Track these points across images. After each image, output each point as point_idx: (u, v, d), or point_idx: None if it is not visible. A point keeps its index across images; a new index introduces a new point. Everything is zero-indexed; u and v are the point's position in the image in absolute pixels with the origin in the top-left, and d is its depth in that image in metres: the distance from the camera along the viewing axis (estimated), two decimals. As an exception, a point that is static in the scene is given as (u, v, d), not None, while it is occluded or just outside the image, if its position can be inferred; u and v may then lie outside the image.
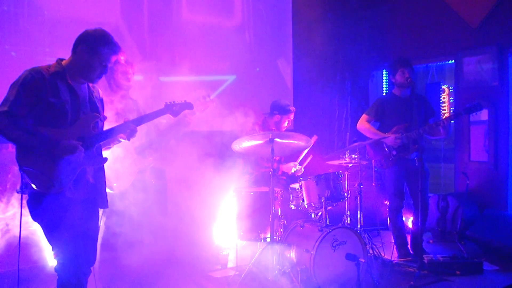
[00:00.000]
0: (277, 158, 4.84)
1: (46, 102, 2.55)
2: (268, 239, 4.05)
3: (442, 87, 6.13)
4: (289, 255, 3.98)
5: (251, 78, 5.96)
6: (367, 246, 4.17)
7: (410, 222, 5.37)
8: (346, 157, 4.70)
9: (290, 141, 4.13)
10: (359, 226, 4.65)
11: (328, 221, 4.07)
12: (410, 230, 5.18)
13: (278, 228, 4.15)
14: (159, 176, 4.22)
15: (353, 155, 4.68)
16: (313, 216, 4.33)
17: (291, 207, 4.36)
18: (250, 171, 4.77)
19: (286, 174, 4.97)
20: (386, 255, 4.71)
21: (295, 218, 4.29)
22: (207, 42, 5.38)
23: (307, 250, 3.72)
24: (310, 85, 6.45)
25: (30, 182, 2.52)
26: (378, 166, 5.02)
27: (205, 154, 4.38)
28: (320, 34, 6.31)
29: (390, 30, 6.51)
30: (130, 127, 2.92)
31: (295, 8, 6.42)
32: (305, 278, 3.73)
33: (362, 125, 4.88)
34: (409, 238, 4.92)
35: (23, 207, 2.61)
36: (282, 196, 4.30)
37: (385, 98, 5.18)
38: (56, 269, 2.66)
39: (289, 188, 4.43)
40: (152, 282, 3.96)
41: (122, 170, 3.53)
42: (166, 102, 3.25)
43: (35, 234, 3.88)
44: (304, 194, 4.23)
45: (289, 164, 4.99)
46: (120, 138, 2.93)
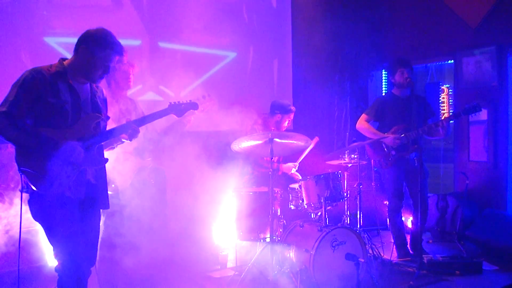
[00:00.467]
0: (276, 158, 4.85)
1: (46, 102, 2.55)
2: (267, 239, 4.05)
3: (442, 87, 6.14)
4: (288, 255, 3.98)
5: (251, 78, 5.97)
6: (367, 246, 4.18)
7: (410, 222, 5.38)
8: (345, 157, 4.71)
9: (290, 141, 4.13)
10: (359, 226, 4.66)
11: (327, 221, 4.08)
12: (409, 230, 5.19)
13: (277, 228, 4.16)
14: (159, 176, 4.23)
15: (352, 155, 4.69)
16: (312, 216, 4.33)
17: (291, 207, 4.37)
18: (250, 171, 4.78)
19: (285, 174, 4.98)
20: (385, 255, 4.72)
21: (295, 218, 4.29)
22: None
23: (307, 250, 3.73)
24: (310, 85, 6.46)
25: (29, 183, 2.53)
26: (377, 166, 5.03)
27: (204, 154, 4.38)
28: (319, 34, 6.32)
29: (389, 30, 6.52)
30: (132, 127, 2.89)
31: (294, 8, 6.43)
32: (304, 278, 3.73)
33: (361, 125, 4.89)
34: (408, 238, 4.93)
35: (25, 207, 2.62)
36: (281, 196, 4.30)
37: (384, 98, 5.19)
38: (56, 269, 2.66)
39: (288, 188, 4.43)
40: (151, 282, 3.96)
41: (120, 170, 3.53)
42: (170, 102, 3.19)
43: (36, 234, 3.90)
44: (303, 194, 4.23)
45: (288, 164, 5.00)
46: (122, 139, 2.91)
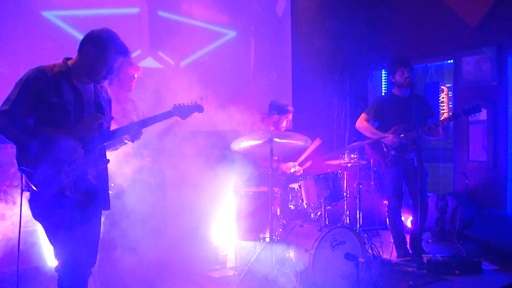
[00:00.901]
0: (276, 157, 4.86)
1: (48, 102, 2.55)
2: (267, 239, 4.05)
3: (441, 87, 6.15)
4: (288, 255, 3.99)
5: (250, 78, 5.98)
6: (366, 246, 4.19)
7: (409, 221, 5.39)
8: (345, 156, 4.71)
9: (289, 141, 4.14)
10: (358, 226, 4.66)
11: (327, 221, 4.08)
12: (409, 229, 5.20)
13: (277, 228, 4.15)
14: (158, 176, 4.24)
15: (352, 155, 4.69)
16: (312, 216, 4.33)
17: (290, 207, 4.37)
18: (249, 171, 4.78)
19: (285, 174, 4.99)
20: (385, 255, 4.73)
21: (294, 218, 4.30)
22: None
23: (307, 250, 3.73)
24: (309, 85, 6.47)
25: (29, 182, 2.53)
26: (377, 166, 5.03)
27: (204, 154, 4.39)
28: (319, 33, 6.33)
29: (389, 29, 6.52)
30: (134, 129, 2.87)
31: (294, 8, 6.44)
32: (304, 278, 3.74)
33: (361, 124, 4.90)
34: (408, 238, 4.94)
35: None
36: (281, 196, 4.29)
37: (384, 98, 5.19)
38: (56, 269, 2.65)
39: (288, 188, 4.43)
40: (151, 282, 3.97)
41: (119, 170, 3.54)
42: (175, 104, 3.15)
43: (35, 234, 3.91)
44: (303, 194, 4.24)
45: (288, 163, 5.01)
46: (125, 140, 2.90)
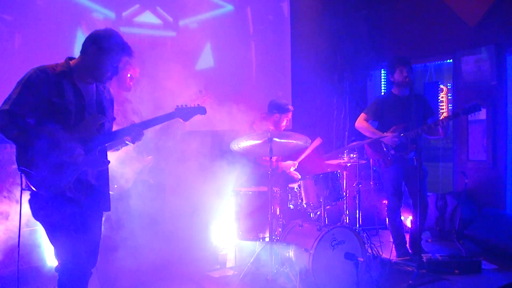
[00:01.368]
0: (275, 157, 4.86)
1: (49, 102, 2.54)
2: (267, 239, 4.06)
3: (441, 86, 6.15)
4: (288, 255, 4.00)
5: (250, 78, 5.99)
6: (366, 245, 4.19)
7: (409, 221, 5.39)
8: (344, 156, 4.71)
9: (289, 140, 4.14)
10: (358, 226, 4.67)
11: (326, 220, 4.09)
12: (408, 229, 5.20)
13: (277, 227, 4.16)
14: (158, 176, 4.24)
15: (351, 155, 4.69)
16: (311, 215, 4.34)
17: (290, 207, 4.37)
18: (249, 171, 4.78)
19: (285, 173, 4.99)
20: (384, 254, 4.74)
21: (294, 218, 4.30)
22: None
23: (306, 250, 3.74)
24: (309, 84, 6.48)
25: (28, 182, 2.53)
26: (376, 166, 5.03)
27: (203, 154, 4.39)
28: (318, 33, 6.33)
29: (388, 29, 6.52)
30: (135, 130, 2.85)
31: (294, 8, 6.44)
32: (303, 277, 3.74)
33: (360, 124, 4.90)
34: (407, 237, 4.95)
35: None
36: (280, 195, 4.30)
37: (383, 97, 5.19)
38: (56, 269, 2.65)
39: (287, 187, 4.44)
40: (151, 282, 3.98)
41: (122, 170, 3.54)
42: (177, 106, 3.13)
43: (36, 233, 3.91)
44: (302, 194, 4.24)
45: (288, 162, 5.01)
46: (126, 141, 2.89)
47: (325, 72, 6.56)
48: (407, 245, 4.86)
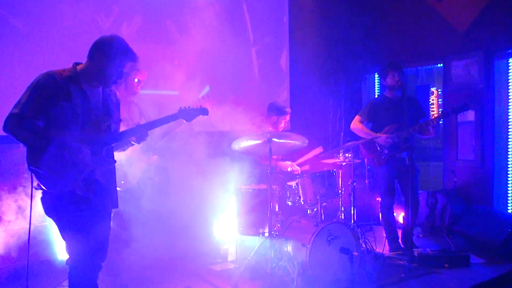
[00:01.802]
0: (274, 157, 4.87)
1: (57, 105, 2.54)
2: (266, 234, 4.06)
3: (431, 90, 6.14)
4: (286, 249, 4.00)
5: (251, 82, 6.00)
6: (360, 241, 4.20)
7: (401, 217, 5.40)
8: (340, 156, 4.71)
9: (287, 140, 4.15)
10: (353, 222, 4.66)
11: (323, 216, 4.10)
12: (401, 225, 5.21)
13: (275, 223, 4.16)
14: (163, 174, 4.24)
15: (346, 154, 4.70)
16: (309, 212, 4.35)
17: (288, 204, 4.38)
18: (249, 170, 4.79)
19: (283, 172, 5.00)
20: (378, 249, 4.75)
21: (292, 214, 4.31)
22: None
23: (303, 244, 3.74)
24: (306, 87, 6.48)
25: (38, 182, 2.54)
26: (370, 165, 5.05)
27: (206, 154, 4.40)
28: (315, 39, 6.35)
29: (381, 35, 6.54)
30: (140, 131, 2.86)
31: (292, 15, 6.45)
32: (301, 270, 3.75)
33: (355, 125, 4.91)
34: (400, 233, 4.96)
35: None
36: (279, 193, 4.30)
37: (377, 100, 5.20)
38: (67, 262, 2.67)
39: (286, 185, 4.44)
40: (156, 275, 3.99)
41: (130, 168, 3.55)
42: (180, 107, 3.13)
43: (46, 229, 3.92)
44: (300, 191, 4.25)
45: (286, 162, 5.02)
46: (131, 141, 2.89)
47: (321, 76, 6.57)
48: (399, 240, 4.87)
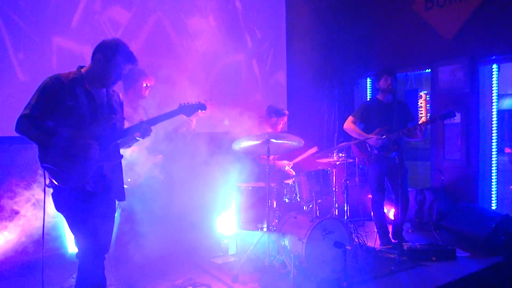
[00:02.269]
0: (272, 156, 4.88)
1: (65, 105, 2.57)
2: (265, 229, 4.08)
3: (420, 93, 6.17)
4: (283, 243, 4.01)
5: (251, 87, 6.02)
6: (353, 235, 4.22)
7: (391, 213, 5.42)
8: (334, 155, 4.73)
9: (284, 141, 4.17)
10: (346, 217, 4.66)
11: (318, 212, 4.11)
12: (391, 220, 5.23)
13: (273, 219, 4.16)
14: (167, 173, 4.25)
15: (340, 154, 4.71)
16: (304, 208, 4.35)
17: (285, 201, 4.38)
18: (249, 168, 4.80)
19: (280, 170, 5.02)
20: (369, 243, 4.76)
21: (289, 210, 4.32)
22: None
23: (300, 239, 3.76)
24: (302, 91, 6.50)
25: (51, 178, 2.56)
26: (362, 164, 5.06)
27: (208, 153, 4.41)
28: (311, 45, 6.37)
29: (373, 42, 6.55)
30: (144, 127, 2.88)
31: (289, 22, 6.47)
32: (297, 263, 3.76)
33: (348, 125, 4.93)
34: (390, 228, 4.98)
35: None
36: (277, 190, 4.31)
37: (369, 102, 5.22)
38: (77, 256, 2.69)
39: (283, 183, 4.46)
40: (160, 268, 3.99)
41: (135, 166, 3.56)
42: (180, 103, 3.16)
43: (58, 225, 3.93)
44: (296, 189, 4.27)
45: (283, 161, 5.04)
46: (136, 137, 2.90)
47: (317, 80, 6.59)
48: (390, 235, 4.88)
